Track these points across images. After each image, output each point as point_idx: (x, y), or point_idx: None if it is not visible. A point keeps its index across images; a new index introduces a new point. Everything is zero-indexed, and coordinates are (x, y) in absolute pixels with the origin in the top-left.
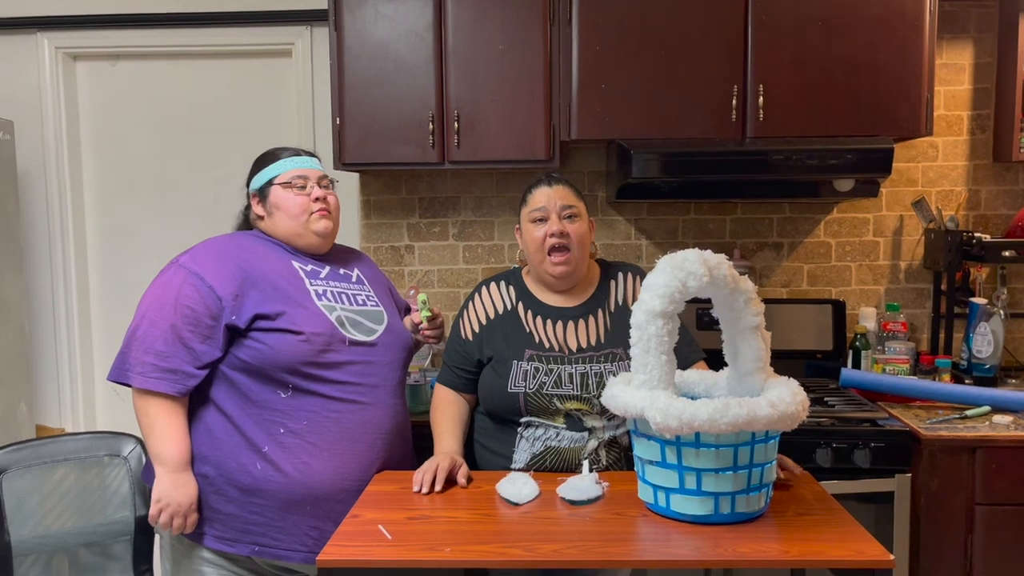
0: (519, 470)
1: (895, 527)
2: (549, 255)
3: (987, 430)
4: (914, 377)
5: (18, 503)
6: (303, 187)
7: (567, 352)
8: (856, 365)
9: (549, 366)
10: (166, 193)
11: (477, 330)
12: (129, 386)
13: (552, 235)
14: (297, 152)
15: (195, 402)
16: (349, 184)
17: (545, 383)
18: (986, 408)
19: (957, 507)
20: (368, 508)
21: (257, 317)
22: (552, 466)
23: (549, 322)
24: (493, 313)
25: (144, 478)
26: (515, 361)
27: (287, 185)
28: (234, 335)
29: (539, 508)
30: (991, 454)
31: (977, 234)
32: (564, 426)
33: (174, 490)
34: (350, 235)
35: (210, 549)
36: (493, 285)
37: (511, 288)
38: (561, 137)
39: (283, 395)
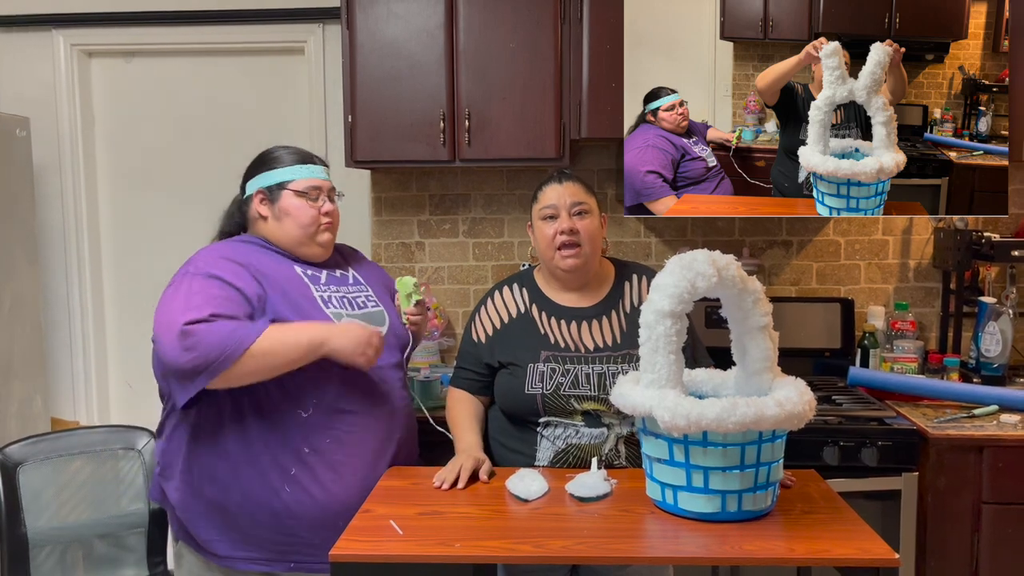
0: (544, 467)
1: (902, 525)
2: (559, 250)
3: (995, 429)
4: (922, 376)
5: (34, 495)
6: (316, 199)
7: (583, 352)
8: (864, 364)
9: (566, 366)
10: (180, 189)
11: (490, 333)
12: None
13: (562, 232)
14: (309, 158)
15: (214, 426)
16: (360, 181)
17: (562, 384)
18: (994, 407)
19: (964, 506)
20: (379, 503)
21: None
22: (575, 462)
23: (563, 322)
24: (507, 317)
25: (152, 496)
26: (531, 364)
27: (302, 194)
28: None
29: (548, 504)
30: (999, 453)
31: (987, 233)
32: (582, 423)
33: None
34: (361, 232)
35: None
36: (506, 288)
37: (524, 290)
38: (571, 135)
39: (304, 414)
